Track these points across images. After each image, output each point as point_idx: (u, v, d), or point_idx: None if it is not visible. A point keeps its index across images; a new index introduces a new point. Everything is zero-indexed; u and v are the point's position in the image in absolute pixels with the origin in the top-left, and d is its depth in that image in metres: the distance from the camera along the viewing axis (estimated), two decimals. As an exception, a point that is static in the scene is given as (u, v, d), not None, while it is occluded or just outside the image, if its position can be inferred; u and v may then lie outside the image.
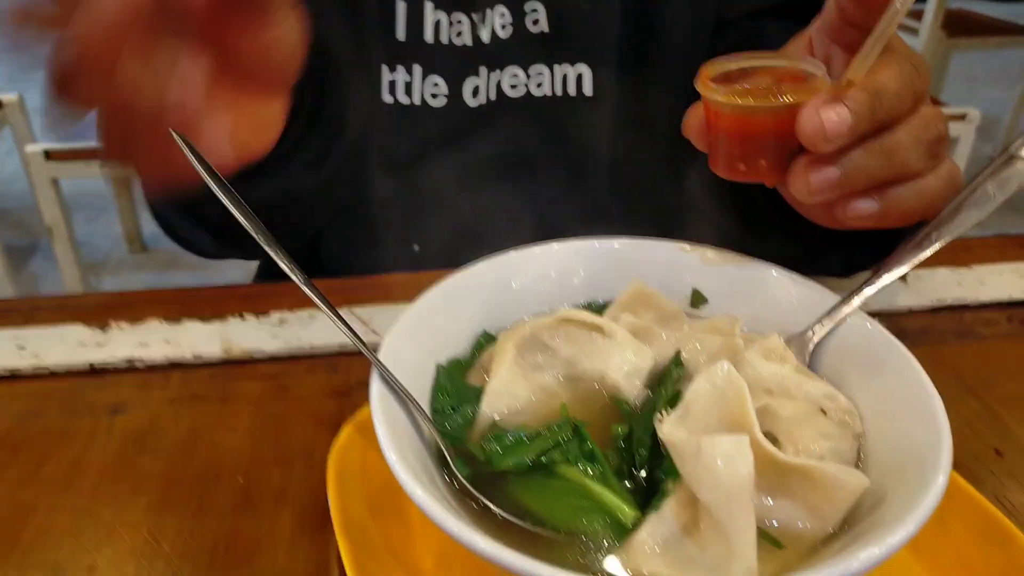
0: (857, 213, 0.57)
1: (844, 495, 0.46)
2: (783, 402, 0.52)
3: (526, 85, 0.95)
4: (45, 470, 0.65)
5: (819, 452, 0.49)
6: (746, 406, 0.46)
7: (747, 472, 0.42)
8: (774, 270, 0.62)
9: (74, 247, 2.69)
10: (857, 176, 0.55)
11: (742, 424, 0.46)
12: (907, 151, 0.55)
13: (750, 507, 0.42)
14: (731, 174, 0.59)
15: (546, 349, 0.58)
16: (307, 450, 0.66)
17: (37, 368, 0.75)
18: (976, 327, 0.83)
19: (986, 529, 0.53)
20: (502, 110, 0.95)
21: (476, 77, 0.93)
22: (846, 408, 0.53)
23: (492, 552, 0.39)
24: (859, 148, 0.54)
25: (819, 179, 0.55)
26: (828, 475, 0.46)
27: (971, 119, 2.62)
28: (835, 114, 0.52)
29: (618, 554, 0.45)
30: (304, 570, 0.56)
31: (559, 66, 0.95)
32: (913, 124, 0.56)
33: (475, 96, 0.94)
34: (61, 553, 0.58)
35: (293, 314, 0.82)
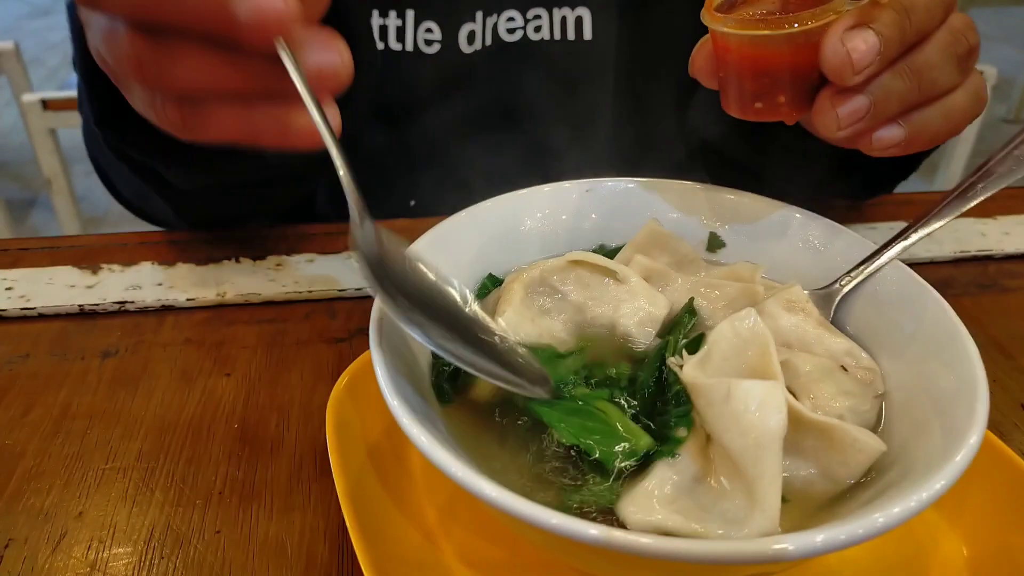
0: (883, 144, 0.53)
1: (861, 458, 0.44)
2: (803, 357, 0.49)
3: (523, 29, 0.90)
4: (33, 414, 0.62)
5: (838, 410, 0.47)
6: (771, 358, 0.43)
7: (780, 421, 0.40)
8: (798, 212, 0.59)
9: (74, 200, 2.66)
10: (888, 103, 0.50)
11: (764, 375, 0.43)
12: (937, 69, 0.51)
13: (779, 457, 0.40)
14: (746, 113, 0.54)
15: (555, 292, 0.55)
16: (305, 396, 0.64)
17: (25, 310, 0.72)
18: (1000, 279, 0.80)
19: (1013, 484, 0.51)
20: (499, 56, 0.91)
21: (472, 22, 0.89)
22: (868, 367, 0.50)
23: (496, 496, 0.36)
24: (888, 71, 0.50)
25: (848, 111, 0.50)
26: (848, 435, 0.43)
27: (987, 77, 2.56)
28: (862, 41, 0.48)
29: (625, 501, 0.43)
30: (301, 519, 0.54)
31: (558, 9, 0.90)
32: (943, 38, 0.51)
33: (471, 43, 0.90)
34: (50, 499, 0.55)
35: (290, 258, 0.80)
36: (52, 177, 2.57)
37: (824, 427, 0.43)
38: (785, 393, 0.41)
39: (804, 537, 0.35)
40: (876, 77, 0.50)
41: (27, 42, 2.88)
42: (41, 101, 2.41)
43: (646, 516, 0.41)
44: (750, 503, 0.40)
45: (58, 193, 2.62)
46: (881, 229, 0.85)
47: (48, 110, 2.43)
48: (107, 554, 0.52)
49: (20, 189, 3.33)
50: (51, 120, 2.46)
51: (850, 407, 0.47)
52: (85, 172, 3.38)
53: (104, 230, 3.12)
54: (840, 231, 0.57)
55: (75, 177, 2.76)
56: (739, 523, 0.40)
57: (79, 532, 0.53)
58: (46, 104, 2.42)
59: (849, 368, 0.49)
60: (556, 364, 0.49)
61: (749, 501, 0.40)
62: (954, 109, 0.53)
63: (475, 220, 0.59)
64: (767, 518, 0.39)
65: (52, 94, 2.43)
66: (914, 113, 0.52)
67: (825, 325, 0.52)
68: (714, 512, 0.41)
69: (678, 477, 0.43)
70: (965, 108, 0.54)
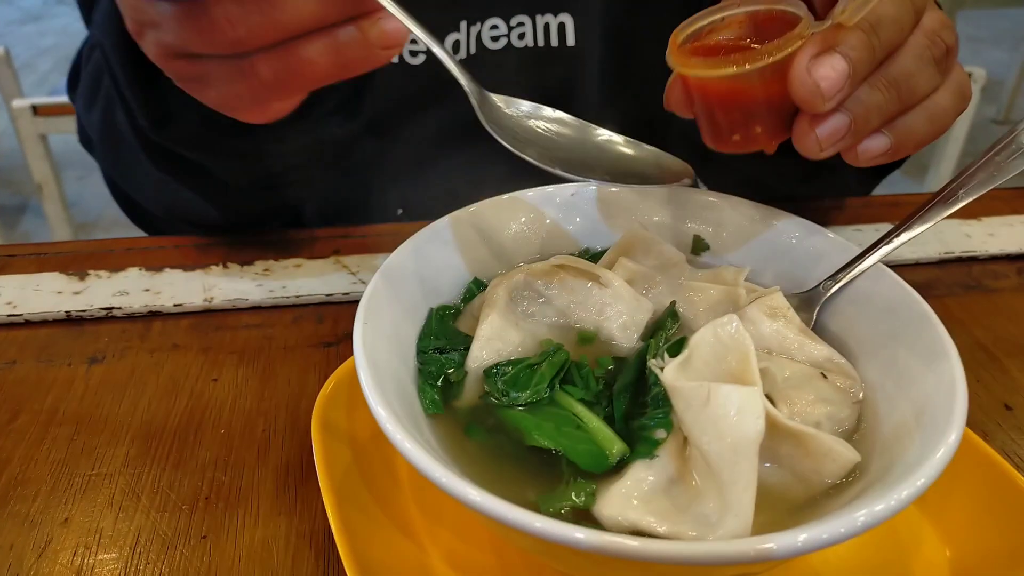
0: (869, 155, 0.52)
1: (834, 468, 0.44)
2: (783, 363, 0.50)
3: (507, 37, 0.91)
4: (20, 420, 0.62)
5: (816, 417, 0.47)
6: (751, 364, 0.43)
7: (758, 427, 0.40)
8: (781, 215, 0.59)
9: (64, 205, 2.65)
10: (868, 117, 0.50)
11: (743, 382, 0.43)
12: (915, 76, 0.50)
13: (755, 463, 0.40)
14: (724, 146, 0.53)
15: (539, 297, 0.55)
16: (292, 401, 0.64)
17: (12, 316, 0.72)
18: (984, 280, 0.80)
19: (995, 484, 0.51)
20: (483, 64, 0.91)
21: (456, 32, 0.89)
22: (847, 373, 0.50)
23: (480, 501, 0.37)
24: (864, 86, 0.49)
25: (828, 133, 0.49)
26: (824, 445, 0.43)
27: (976, 79, 2.56)
28: (830, 69, 0.47)
29: (601, 501, 0.43)
30: (288, 524, 0.54)
31: (541, 16, 0.90)
32: (918, 43, 0.50)
33: (455, 52, 0.90)
34: (35, 505, 0.55)
35: (278, 263, 0.80)
36: (43, 183, 2.57)
37: (800, 435, 0.43)
38: (763, 400, 0.41)
39: (787, 536, 0.35)
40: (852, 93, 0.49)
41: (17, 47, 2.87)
42: (32, 107, 2.40)
43: (621, 515, 0.41)
44: (724, 506, 0.40)
45: (49, 199, 2.61)
46: (867, 231, 0.85)
47: (39, 116, 2.42)
48: (93, 560, 0.52)
49: (10, 195, 3.32)
50: (41, 126, 2.45)
51: (828, 414, 0.48)
52: (76, 177, 3.38)
53: (95, 235, 3.11)
54: (823, 234, 0.58)
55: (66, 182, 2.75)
56: (712, 526, 0.40)
57: (65, 538, 0.53)
58: (36, 110, 2.41)
59: (829, 375, 0.50)
60: (531, 372, 0.49)
61: (723, 504, 0.40)
62: (938, 110, 0.53)
63: (460, 225, 0.59)
64: (740, 522, 0.39)
65: (43, 100, 2.42)
66: (897, 120, 0.52)
67: (806, 332, 0.53)
68: (688, 513, 0.42)
69: (654, 478, 0.43)
70: (949, 107, 0.53)
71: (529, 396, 0.48)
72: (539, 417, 0.47)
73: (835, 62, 0.47)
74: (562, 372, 0.50)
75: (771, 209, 0.60)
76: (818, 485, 0.44)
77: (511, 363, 0.50)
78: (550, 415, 0.47)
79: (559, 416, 0.47)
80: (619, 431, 0.46)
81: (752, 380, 0.42)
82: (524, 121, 0.52)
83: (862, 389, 0.50)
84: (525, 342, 0.52)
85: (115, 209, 1.09)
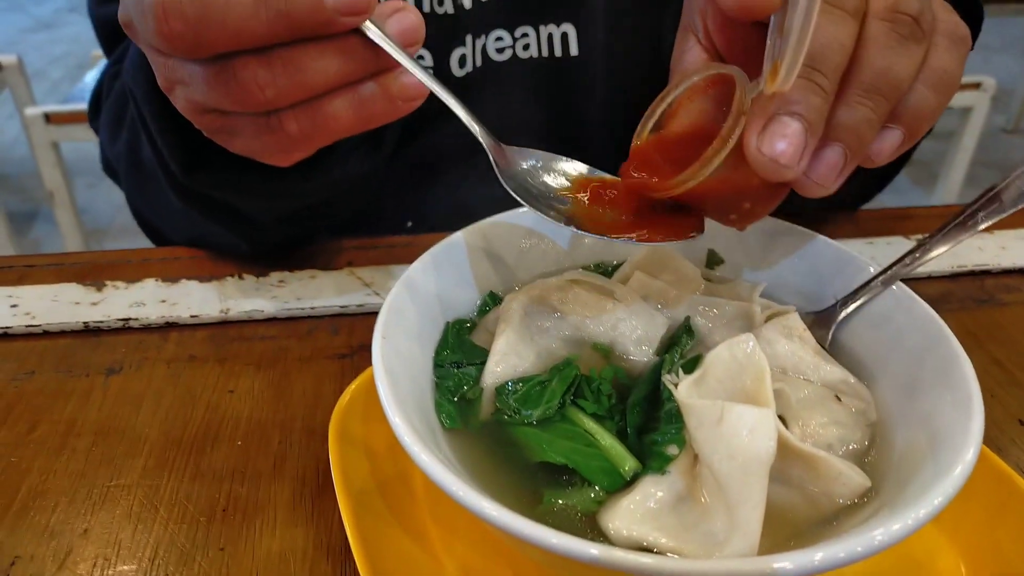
0: (885, 154, 0.48)
1: (844, 492, 0.44)
2: (797, 384, 0.50)
3: (512, 48, 0.91)
4: (39, 431, 0.63)
5: (827, 439, 0.47)
6: (765, 385, 0.44)
7: (770, 447, 0.40)
8: (796, 231, 0.60)
9: (76, 212, 2.67)
10: (860, 135, 0.45)
11: (757, 402, 0.43)
12: (891, 69, 0.45)
13: (764, 483, 0.40)
14: (729, 224, 0.52)
15: (554, 312, 0.56)
16: (308, 413, 0.65)
17: (30, 327, 0.73)
18: (997, 293, 0.80)
19: (1010, 500, 0.51)
20: (489, 76, 0.92)
21: (463, 47, 0.90)
22: (862, 396, 0.51)
23: (497, 516, 0.37)
24: (840, 106, 0.45)
25: (824, 172, 0.45)
26: (834, 469, 0.43)
27: (986, 87, 2.56)
28: (781, 139, 0.43)
29: (609, 514, 0.43)
30: (304, 535, 0.54)
31: (544, 26, 0.91)
32: (878, 32, 0.46)
33: (462, 66, 0.91)
34: (55, 516, 0.56)
35: (293, 275, 0.80)
36: (54, 190, 2.58)
37: (811, 458, 0.43)
38: (776, 421, 0.41)
39: (803, 555, 0.35)
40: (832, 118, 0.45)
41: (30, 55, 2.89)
42: (44, 115, 2.42)
43: (628, 529, 0.42)
44: (732, 525, 0.40)
45: (60, 206, 2.63)
46: (879, 244, 0.86)
47: (51, 124, 2.44)
48: (112, 571, 0.52)
49: (22, 202, 3.34)
50: (54, 133, 2.47)
51: (840, 436, 0.48)
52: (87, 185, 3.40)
53: (106, 242, 3.13)
54: (839, 250, 0.58)
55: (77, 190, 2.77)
56: (719, 544, 0.41)
57: (85, 549, 0.54)
58: (49, 118, 2.43)
59: (843, 397, 0.50)
60: (542, 389, 0.50)
61: (731, 523, 0.40)
62: (937, 75, 0.48)
63: (475, 239, 0.59)
64: (747, 542, 0.39)
65: (55, 108, 2.44)
66: (900, 107, 0.48)
67: (821, 353, 0.53)
68: (695, 531, 0.42)
69: (663, 494, 0.44)
70: (947, 64, 0.48)
71: (541, 413, 0.49)
72: (552, 434, 0.48)
73: (785, 129, 0.43)
74: (573, 387, 0.50)
75: (786, 224, 0.60)
76: (827, 507, 0.44)
77: (522, 380, 0.51)
78: (562, 431, 0.48)
79: (571, 432, 0.47)
80: (631, 445, 0.47)
81: (766, 401, 0.43)
82: (539, 175, 0.53)
83: (876, 411, 0.50)
84: (540, 356, 0.53)
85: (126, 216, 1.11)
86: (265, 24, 0.44)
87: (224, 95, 0.47)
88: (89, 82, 2.65)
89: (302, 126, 0.49)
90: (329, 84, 0.47)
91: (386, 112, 0.50)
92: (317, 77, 0.47)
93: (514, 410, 0.49)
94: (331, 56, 0.47)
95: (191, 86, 0.48)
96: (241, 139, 0.51)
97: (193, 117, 0.52)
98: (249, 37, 0.44)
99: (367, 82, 0.49)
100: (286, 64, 0.46)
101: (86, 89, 2.61)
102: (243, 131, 0.50)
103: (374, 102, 0.49)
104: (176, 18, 0.43)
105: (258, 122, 0.49)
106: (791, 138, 0.43)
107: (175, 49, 0.45)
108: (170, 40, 0.44)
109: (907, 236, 0.87)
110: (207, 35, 0.44)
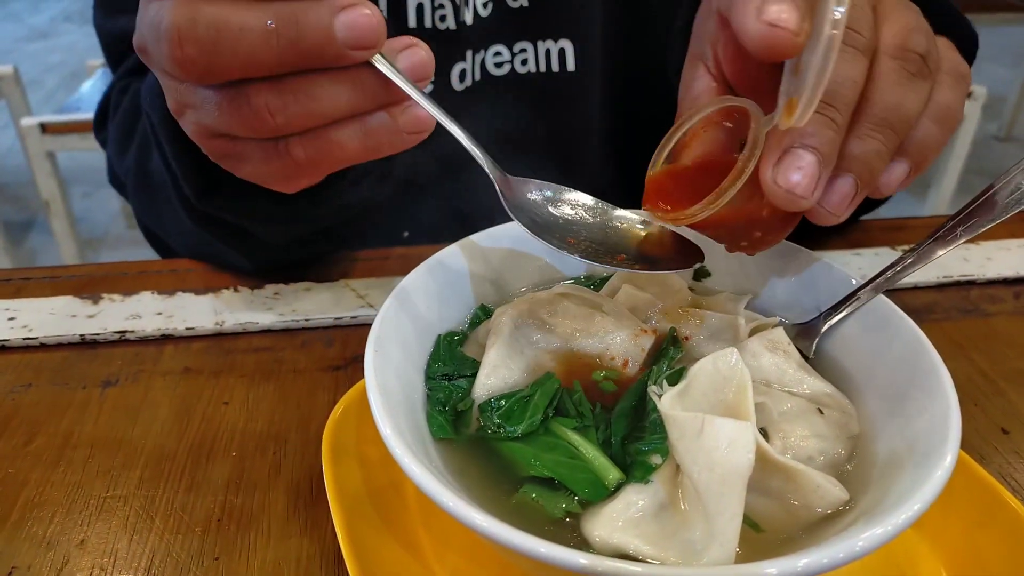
0: (893, 186, 0.51)
1: (823, 503, 0.45)
2: (780, 396, 0.51)
3: (511, 63, 0.93)
4: (36, 443, 0.64)
5: (808, 451, 0.48)
6: (746, 398, 0.45)
7: (747, 460, 0.41)
8: (782, 244, 0.60)
9: (71, 222, 2.67)
10: (870, 167, 0.48)
11: (738, 415, 0.45)
12: (901, 105, 0.48)
13: (742, 495, 0.41)
14: (741, 251, 0.54)
15: (543, 324, 0.57)
16: (302, 424, 0.65)
17: (27, 340, 0.74)
18: (982, 304, 0.81)
19: (991, 508, 0.52)
20: (487, 90, 0.93)
21: (463, 62, 0.91)
22: (844, 409, 0.51)
23: (487, 526, 0.38)
24: (853, 139, 0.47)
25: (837, 201, 0.47)
26: (812, 481, 0.44)
27: (977, 96, 2.59)
28: (795, 171, 0.45)
29: (591, 523, 0.44)
30: (299, 545, 0.55)
31: (542, 42, 0.93)
32: (889, 70, 0.48)
33: (462, 80, 0.92)
34: (52, 527, 0.57)
35: (287, 287, 0.81)
36: (50, 199, 2.59)
37: (789, 470, 0.44)
38: (755, 434, 0.42)
39: (787, 562, 0.36)
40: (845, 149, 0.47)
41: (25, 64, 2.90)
42: (40, 125, 2.43)
43: (610, 537, 0.43)
44: (709, 535, 0.41)
45: (56, 215, 2.63)
46: (866, 255, 0.87)
47: (47, 134, 2.45)
48: (108, 582, 0.53)
49: (18, 211, 3.34)
50: (50, 143, 2.47)
51: (821, 449, 0.49)
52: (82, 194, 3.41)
53: (102, 251, 3.13)
54: (823, 264, 0.59)
55: (72, 199, 2.78)
56: (697, 553, 0.42)
57: (81, 559, 0.54)
58: (45, 128, 2.44)
59: (825, 410, 0.51)
60: (524, 404, 0.51)
61: (709, 533, 0.41)
62: (941, 109, 0.51)
63: (467, 252, 0.60)
64: (724, 551, 0.40)
65: (51, 118, 2.45)
66: (907, 141, 0.50)
67: (805, 367, 0.54)
68: (675, 539, 0.43)
69: (645, 502, 0.45)
70: (951, 101, 0.51)
71: (525, 428, 0.50)
72: (536, 447, 0.49)
73: (799, 161, 0.45)
74: (555, 401, 0.51)
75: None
76: (806, 518, 0.45)
77: (504, 397, 0.52)
78: (546, 444, 0.49)
79: (555, 445, 0.48)
80: (615, 454, 0.48)
81: (746, 414, 0.44)
82: (544, 206, 0.54)
83: (858, 424, 0.51)
84: (529, 369, 0.54)
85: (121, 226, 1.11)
86: (276, 53, 0.44)
87: (234, 120, 0.48)
88: (85, 92, 2.66)
89: (309, 153, 0.49)
90: (338, 113, 0.48)
91: (392, 143, 0.50)
92: (327, 106, 0.47)
93: (497, 426, 0.50)
94: (341, 86, 0.47)
95: (201, 110, 0.49)
96: (248, 164, 0.52)
97: (201, 141, 0.53)
98: (261, 65, 0.45)
99: (376, 113, 0.49)
100: (296, 92, 0.46)
101: (82, 99, 2.61)
102: (250, 156, 0.51)
103: (381, 133, 0.50)
104: (190, 44, 0.44)
105: (266, 148, 0.50)
106: (806, 169, 0.45)
107: (188, 74, 0.46)
108: (183, 66, 0.45)
109: (894, 247, 0.88)
110: (219, 62, 0.45)
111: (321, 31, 0.44)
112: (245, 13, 0.44)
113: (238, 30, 0.44)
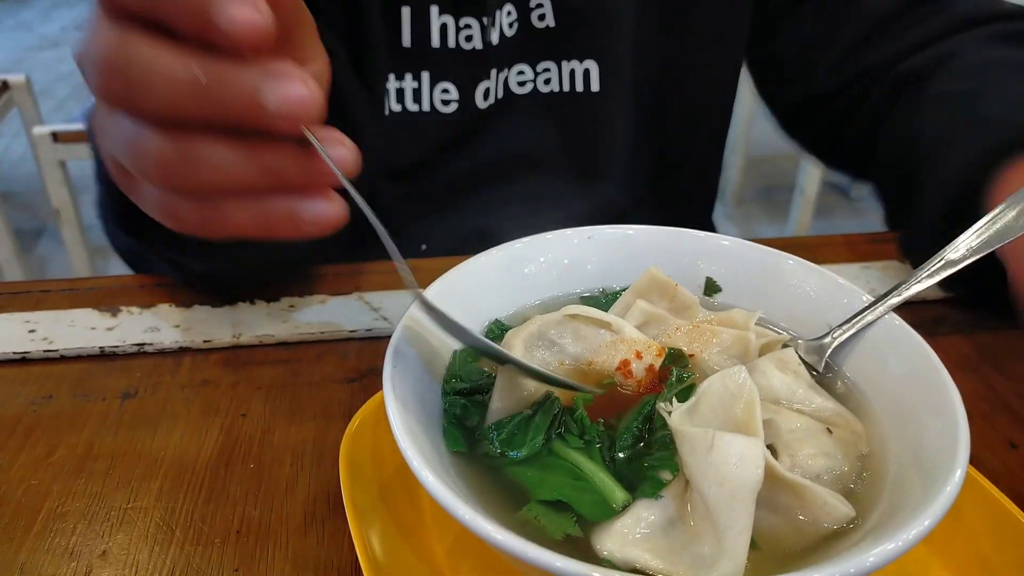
0: None
1: (829, 520, 0.46)
2: (790, 415, 0.52)
3: (533, 82, 0.94)
4: (57, 454, 0.65)
5: (816, 469, 0.49)
6: (755, 414, 0.45)
7: (757, 476, 0.42)
8: (791, 259, 0.62)
9: (82, 230, 2.69)
10: None
11: (747, 431, 0.45)
12: None
13: (751, 510, 0.42)
14: None
15: (553, 345, 0.58)
16: (319, 436, 0.66)
17: (48, 352, 0.75)
18: (991, 317, 0.82)
19: (1000, 523, 0.53)
20: (510, 109, 0.94)
21: (487, 80, 0.92)
22: (853, 429, 0.52)
23: (503, 540, 0.39)
24: None
25: None
26: (819, 498, 0.45)
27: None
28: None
29: (602, 536, 0.45)
30: (316, 557, 0.56)
31: (567, 62, 0.94)
32: None
33: (486, 99, 0.93)
34: (74, 538, 0.58)
35: (303, 299, 0.82)
36: (61, 208, 2.61)
37: (797, 487, 0.45)
38: (764, 450, 0.43)
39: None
40: None
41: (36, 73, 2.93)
42: (52, 134, 2.45)
43: (620, 551, 0.43)
44: (719, 550, 0.42)
45: (66, 223, 2.65)
46: (873, 268, 0.87)
47: (58, 142, 2.47)
48: (131, 592, 0.54)
49: (29, 219, 3.37)
50: (61, 152, 2.49)
51: (828, 467, 0.49)
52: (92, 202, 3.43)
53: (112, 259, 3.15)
54: (834, 280, 0.60)
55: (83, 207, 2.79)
56: (707, 568, 0.42)
57: (103, 570, 0.55)
58: (56, 137, 2.46)
59: (834, 430, 0.51)
60: (526, 427, 0.51)
61: (718, 548, 0.42)
62: None
63: (482, 267, 0.61)
64: (733, 566, 0.41)
65: (63, 127, 2.46)
66: None
67: (815, 388, 0.54)
68: (684, 554, 0.44)
69: (655, 517, 0.45)
70: None
71: (527, 451, 0.50)
72: (540, 470, 0.49)
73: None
74: (557, 421, 0.51)
75: (782, 254, 0.62)
76: (813, 534, 0.46)
77: (505, 421, 0.52)
78: (550, 466, 0.49)
79: (559, 467, 0.49)
80: (621, 470, 0.49)
81: (755, 431, 0.44)
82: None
83: (867, 443, 0.52)
84: (541, 389, 0.55)
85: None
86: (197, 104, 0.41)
87: (134, 160, 0.45)
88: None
89: (201, 216, 0.47)
90: (228, 186, 0.45)
91: (289, 229, 0.47)
92: (216, 176, 0.44)
93: (500, 452, 0.51)
94: (239, 158, 0.44)
95: (107, 133, 0.47)
96: (142, 202, 0.50)
97: (108, 163, 0.51)
98: (178, 108, 0.42)
99: (279, 198, 0.46)
100: (196, 152, 0.43)
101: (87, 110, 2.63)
102: (146, 199, 0.49)
103: (278, 216, 0.46)
104: (116, 78, 0.42)
105: (157, 195, 0.48)
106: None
107: (110, 104, 0.45)
108: (103, 94, 0.44)
109: (903, 261, 0.89)
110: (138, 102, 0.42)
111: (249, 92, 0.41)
112: (175, 60, 0.41)
113: (163, 74, 0.41)
